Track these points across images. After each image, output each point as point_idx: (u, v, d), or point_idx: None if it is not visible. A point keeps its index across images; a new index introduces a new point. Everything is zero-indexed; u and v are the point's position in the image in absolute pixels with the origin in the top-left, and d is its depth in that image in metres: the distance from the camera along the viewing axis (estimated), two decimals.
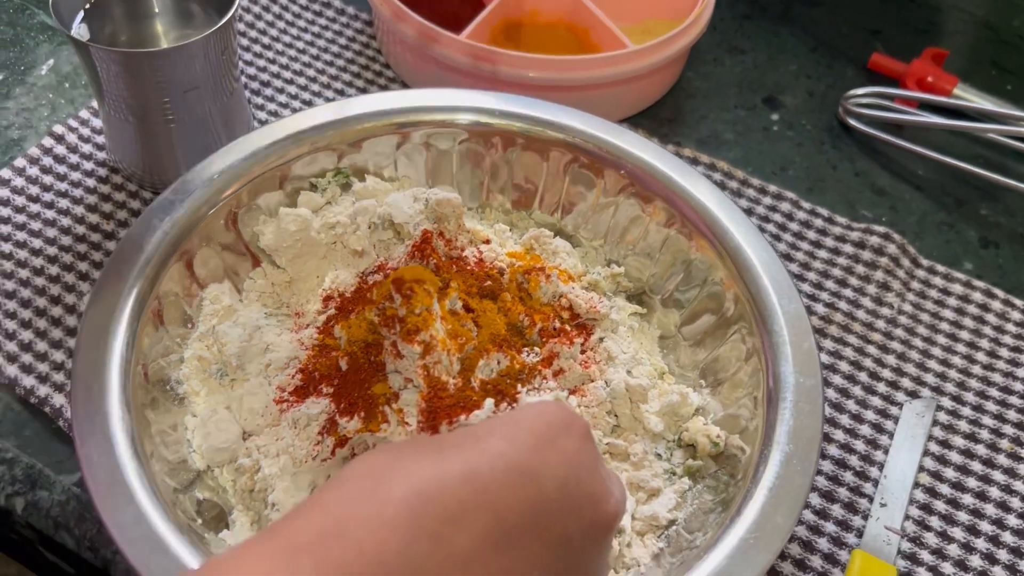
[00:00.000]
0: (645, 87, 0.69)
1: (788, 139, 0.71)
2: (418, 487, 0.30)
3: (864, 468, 0.53)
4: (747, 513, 0.42)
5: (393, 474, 0.30)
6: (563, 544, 0.32)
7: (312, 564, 0.27)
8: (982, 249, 0.65)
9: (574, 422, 0.35)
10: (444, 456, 0.31)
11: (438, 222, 0.52)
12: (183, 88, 0.55)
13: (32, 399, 0.52)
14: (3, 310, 0.55)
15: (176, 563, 0.38)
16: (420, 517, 0.29)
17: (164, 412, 0.46)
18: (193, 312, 0.50)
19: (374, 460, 0.32)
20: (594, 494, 0.34)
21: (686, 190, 0.54)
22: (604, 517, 0.34)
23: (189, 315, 0.50)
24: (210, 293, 0.50)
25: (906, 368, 0.58)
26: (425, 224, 0.51)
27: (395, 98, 0.56)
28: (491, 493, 0.31)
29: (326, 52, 0.72)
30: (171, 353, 0.48)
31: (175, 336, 0.49)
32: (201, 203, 0.50)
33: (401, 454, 0.32)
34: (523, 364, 0.48)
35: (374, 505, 0.29)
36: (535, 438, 0.33)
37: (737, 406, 0.50)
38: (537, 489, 0.32)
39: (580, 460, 0.33)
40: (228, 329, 0.49)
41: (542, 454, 0.32)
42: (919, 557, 0.50)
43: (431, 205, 0.52)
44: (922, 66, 0.73)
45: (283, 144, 0.53)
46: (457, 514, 0.30)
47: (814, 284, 0.61)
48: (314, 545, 0.28)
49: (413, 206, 0.52)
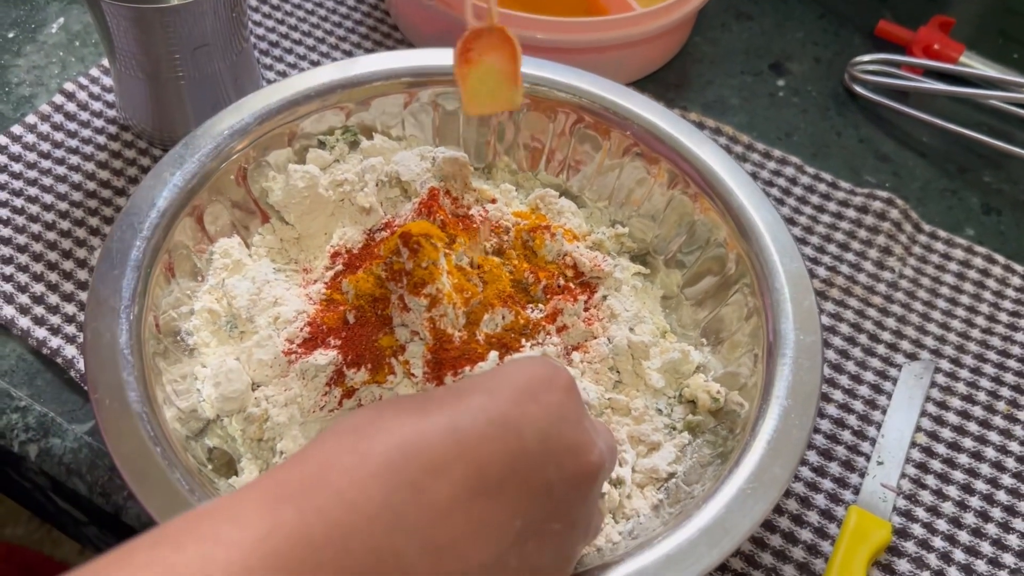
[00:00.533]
0: (652, 51, 0.69)
1: (793, 105, 0.71)
2: (399, 441, 0.31)
3: (862, 427, 0.54)
4: (745, 464, 0.43)
5: (375, 430, 0.31)
6: (545, 493, 0.33)
7: (294, 510, 0.28)
8: (984, 216, 0.65)
9: (557, 375, 0.35)
10: (426, 412, 0.32)
11: (445, 180, 0.52)
12: (193, 45, 0.56)
13: (44, 350, 0.53)
14: (15, 263, 0.56)
15: (187, 507, 0.39)
16: (401, 469, 0.30)
17: (175, 362, 0.47)
18: (203, 265, 0.51)
19: (358, 418, 0.32)
20: (577, 445, 0.34)
21: (691, 151, 0.54)
22: (587, 467, 0.34)
23: (199, 268, 0.51)
24: (220, 247, 0.51)
25: (906, 331, 0.59)
26: (432, 182, 0.52)
27: (404, 57, 0.57)
28: (472, 445, 0.31)
29: (334, 14, 0.72)
30: (181, 305, 0.49)
31: (185, 289, 0.49)
32: (212, 158, 0.50)
33: (383, 412, 0.32)
34: (527, 319, 0.48)
35: (356, 457, 0.30)
36: (517, 392, 0.33)
37: (737, 364, 0.50)
38: (518, 440, 0.32)
39: (562, 412, 0.34)
40: (237, 283, 0.50)
41: (523, 407, 0.33)
42: (914, 514, 0.51)
43: (438, 163, 0.52)
44: (929, 34, 0.73)
45: (292, 101, 0.53)
46: (439, 465, 0.30)
47: (816, 248, 0.62)
48: (296, 494, 0.29)
49: (420, 164, 0.53)
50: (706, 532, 0.41)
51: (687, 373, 0.51)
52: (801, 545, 0.50)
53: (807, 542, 0.50)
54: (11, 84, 0.65)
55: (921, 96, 0.71)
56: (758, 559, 0.49)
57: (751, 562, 0.49)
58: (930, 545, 0.50)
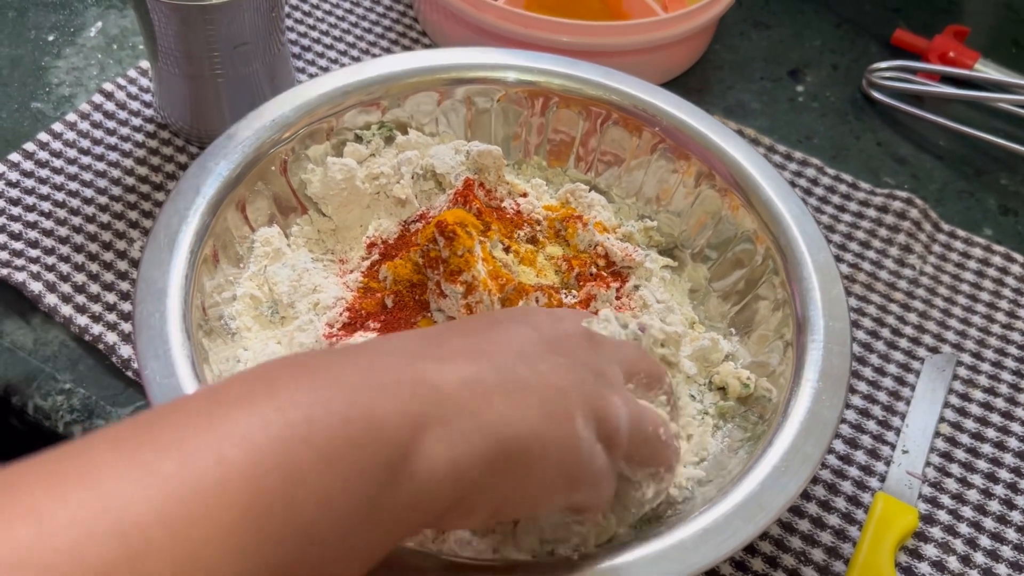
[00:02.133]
0: (674, 56, 0.71)
1: (813, 110, 0.73)
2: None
3: (886, 417, 0.55)
4: (779, 444, 0.44)
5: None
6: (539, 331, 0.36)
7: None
8: (1001, 216, 0.67)
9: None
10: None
11: (479, 173, 0.54)
12: (233, 43, 0.58)
13: (87, 337, 0.54)
14: (57, 254, 0.57)
15: None
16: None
17: (220, 345, 0.48)
18: (244, 253, 0.52)
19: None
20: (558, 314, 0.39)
21: (719, 146, 0.56)
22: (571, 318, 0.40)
23: (241, 255, 0.52)
24: (261, 236, 0.52)
25: (927, 325, 0.60)
26: (466, 175, 0.53)
27: (439, 56, 0.58)
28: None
29: (365, 20, 0.74)
30: (224, 291, 0.50)
31: (228, 275, 0.51)
32: (255, 149, 0.52)
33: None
34: (561, 303, 0.50)
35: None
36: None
37: (766, 353, 0.51)
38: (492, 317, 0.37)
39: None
40: (278, 270, 0.51)
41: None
42: (939, 501, 0.52)
43: (472, 156, 0.54)
44: (944, 42, 0.75)
45: (332, 96, 0.55)
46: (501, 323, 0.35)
47: (838, 246, 0.63)
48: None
49: (455, 157, 0.55)
50: (742, 507, 0.42)
51: (716, 361, 0.52)
52: (829, 530, 0.51)
53: (835, 527, 0.51)
54: (51, 84, 0.67)
55: (937, 101, 0.73)
56: (787, 543, 0.50)
57: (781, 546, 0.50)
58: (956, 531, 0.51)
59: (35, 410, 0.52)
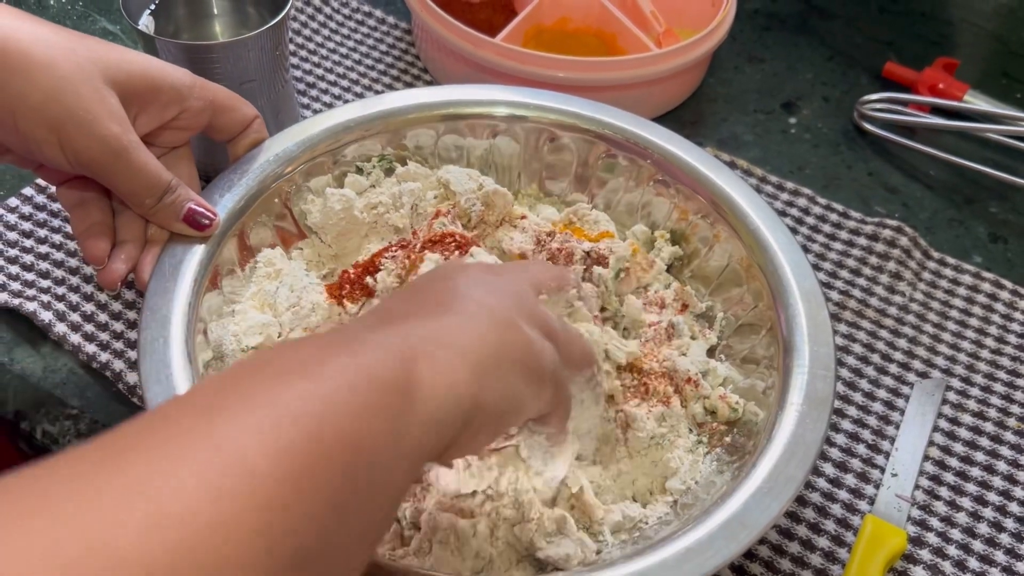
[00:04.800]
0: (668, 90, 0.73)
1: (805, 141, 0.74)
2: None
3: (876, 441, 0.56)
4: (762, 465, 0.45)
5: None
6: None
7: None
8: (991, 244, 0.68)
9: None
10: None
11: (487, 207, 0.56)
12: (239, 80, 0.60)
13: (94, 364, 0.56)
14: (67, 284, 0.59)
15: None
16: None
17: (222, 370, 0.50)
18: (246, 275, 0.54)
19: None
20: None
21: (710, 179, 0.57)
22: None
23: (243, 279, 0.54)
24: (264, 257, 0.54)
25: (917, 351, 0.61)
26: (478, 205, 0.55)
27: (439, 92, 0.60)
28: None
29: (367, 57, 0.76)
30: (223, 316, 0.52)
31: (228, 296, 0.52)
32: (258, 182, 0.54)
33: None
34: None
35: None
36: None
37: (753, 377, 0.53)
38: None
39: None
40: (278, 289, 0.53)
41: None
42: (928, 523, 0.53)
43: (486, 190, 0.56)
44: (934, 74, 0.77)
45: (334, 131, 0.57)
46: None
47: (829, 273, 0.64)
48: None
49: (469, 183, 0.56)
50: (724, 526, 0.43)
51: (712, 385, 0.53)
52: (819, 552, 0.51)
53: (824, 549, 0.51)
54: None
55: (928, 132, 0.74)
56: (777, 564, 0.51)
57: (771, 567, 0.51)
58: (945, 553, 0.52)
59: (43, 435, 0.53)
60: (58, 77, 0.45)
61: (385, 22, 0.79)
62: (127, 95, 0.47)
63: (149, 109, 0.49)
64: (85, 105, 0.45)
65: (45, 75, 0.44)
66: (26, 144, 0.46)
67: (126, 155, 0.47)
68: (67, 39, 0.46)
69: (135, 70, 0.48)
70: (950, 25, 0.85)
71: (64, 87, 0.45)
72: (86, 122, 0.45)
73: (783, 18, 0.85)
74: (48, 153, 0.46)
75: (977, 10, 0.88)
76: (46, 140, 0.45)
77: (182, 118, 0.51)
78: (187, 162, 0.54)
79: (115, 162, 0.47)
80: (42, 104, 0.44)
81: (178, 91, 0.49)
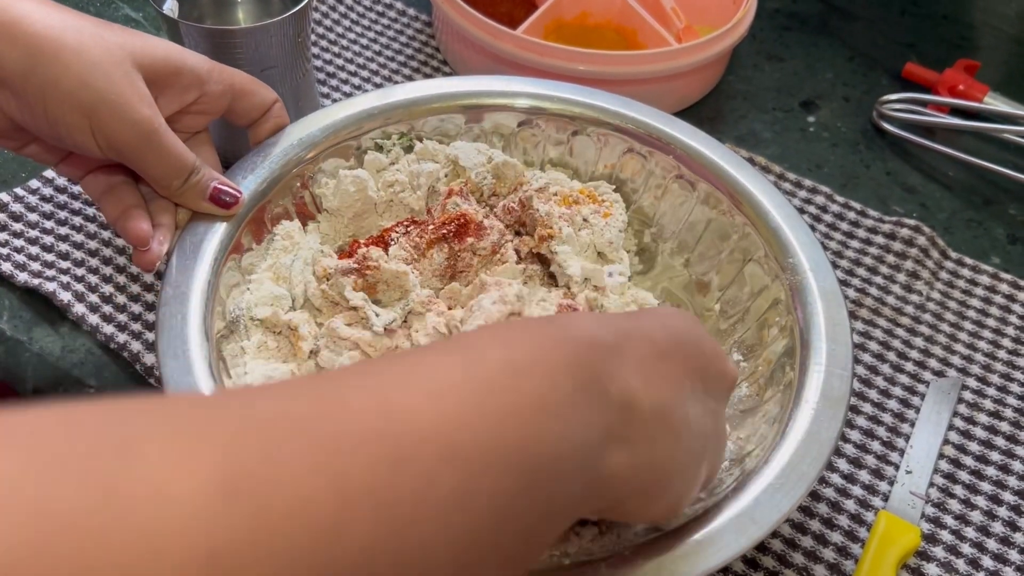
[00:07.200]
0: (687, 85, 0.73)
1: (823, 140, 0.74)
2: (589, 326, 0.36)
3: (891, 439, 0.56)
4: (775, 461, 0.45)
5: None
6: (700, 372, 0.38)
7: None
8: (1009, 245, 0.68)
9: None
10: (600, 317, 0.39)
11: (497, 180, 0.56)
12: (261, 67, 0.60)
13: (112, 344, 0.56)
14: (87, 266, 0.59)
15: None
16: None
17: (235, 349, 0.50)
18: (263, 248, 0.54)
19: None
20: (718, 353, 0.40)
21: (731, 175, 0.57)
22: (728, 370, 0.40)
23: (259, 251, 0.54)
24: (282, 229, 0.54)
25: (933, 350, 0.60)
26: (488, 178, 0.55)
27: (459, 83, 0.61)
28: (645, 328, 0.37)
29: (388, 48, 0.76)
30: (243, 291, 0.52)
31: (245, 267, 0.53)
32: (281, 166, 0.54)
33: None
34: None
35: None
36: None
37: (770, 374, 0.52)
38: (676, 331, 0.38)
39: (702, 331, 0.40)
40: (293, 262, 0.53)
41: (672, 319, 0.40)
42: (942, 521, 0.53)
43: (495, 163, 0.56)
44: (954, 75, 0.77)
45: (356, 118, 0.57)
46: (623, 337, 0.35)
47: (846, 271, 0.64)
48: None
49: (478, 157, 0.57)
50: (734, 521, 0.43)
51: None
52: (832, 547, 0.51)
53: (837, 544, 0.51)
54: None
55: (947, 133, 0.74)
56: (790, 559, 0.51)
57: (783, 561, 0.50)
58: (958, 551, 0.52)
59: None
60: (90, 62, 0.45)
61: (405, 13, 0.79)
62: (151, 79, 0.48)
63: (170, 92, 0.49)
64: (117, 89, 0.45)
65: (77, 60, 0.45)
66: (55, 130, 0.46)
67: (156, 138, 0.47)
68: (93, 25, 0.47)
69: (158, 55, 0.48)
70: (971, 28, 0.85)
71: (95, 72, 0.45)
72: (118, 106, 0.45)
73: (804, 18, 0.85)
74: (79, 139, 0.46)
75: (999, 13, 0.87)
76: (77, 125, 0.46)
77: (202, 102, 0.51)
78: (208, 147, 0.54)
79: (146, 145, 0.47)
80: (74, 89, 0.45)
81: (197, 75, 0.50)
